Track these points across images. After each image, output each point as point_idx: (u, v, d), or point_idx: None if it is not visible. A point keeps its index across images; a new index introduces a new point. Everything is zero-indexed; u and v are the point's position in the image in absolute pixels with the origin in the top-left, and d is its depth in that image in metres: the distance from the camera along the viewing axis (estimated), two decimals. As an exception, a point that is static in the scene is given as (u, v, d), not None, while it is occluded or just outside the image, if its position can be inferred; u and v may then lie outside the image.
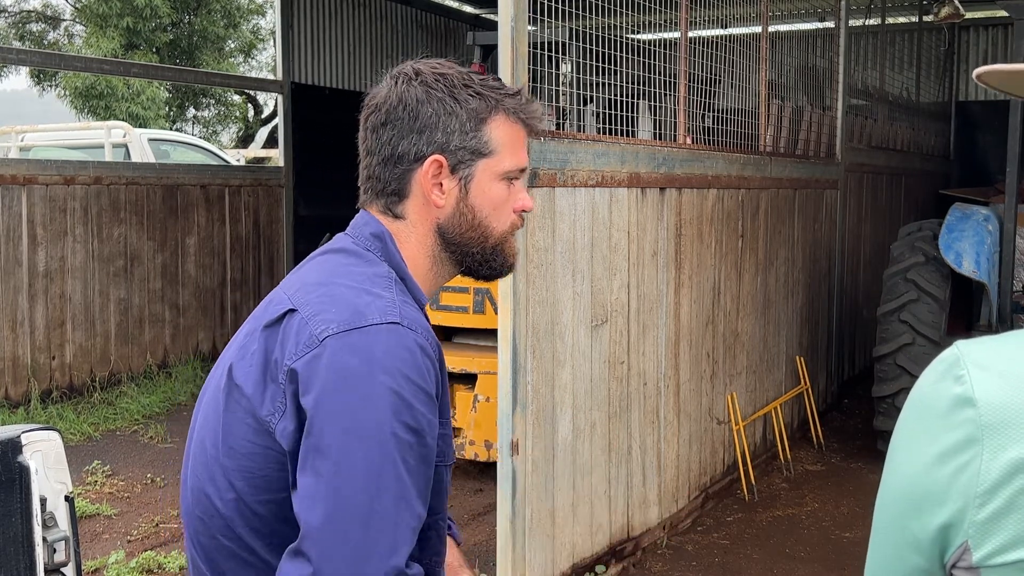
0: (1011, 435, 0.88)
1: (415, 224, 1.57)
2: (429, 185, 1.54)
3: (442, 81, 1.54)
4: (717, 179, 5.50)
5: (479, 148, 1.54)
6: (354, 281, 1.47)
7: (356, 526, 1.32)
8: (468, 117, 1.53)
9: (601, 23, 4.77)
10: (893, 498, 0.99)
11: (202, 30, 19.69)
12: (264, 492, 1.42)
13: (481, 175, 1.56)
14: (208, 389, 1.56)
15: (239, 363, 1.47)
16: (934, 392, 0.95)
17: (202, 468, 1.49)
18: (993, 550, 0.88)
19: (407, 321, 1.42)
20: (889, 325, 6.13)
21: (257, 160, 16.72)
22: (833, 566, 4.84)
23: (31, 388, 7.37)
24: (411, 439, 1.37)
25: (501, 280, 3.82)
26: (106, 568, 4.75)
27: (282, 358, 1.41)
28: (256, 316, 1.53)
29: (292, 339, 1.41)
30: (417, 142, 1.53)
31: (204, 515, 1.48)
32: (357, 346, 1.37)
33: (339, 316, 1.40)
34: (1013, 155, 5.91)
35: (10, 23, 20.36)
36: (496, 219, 1.59)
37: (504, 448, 3.86)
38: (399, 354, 1.38)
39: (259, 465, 1.42)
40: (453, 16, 12.35)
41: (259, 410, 1.41)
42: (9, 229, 7.28)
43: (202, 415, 1.54)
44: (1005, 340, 0.96)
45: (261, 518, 1.43)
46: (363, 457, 1.33)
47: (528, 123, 1.60)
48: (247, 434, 1.43)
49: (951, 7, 7.94)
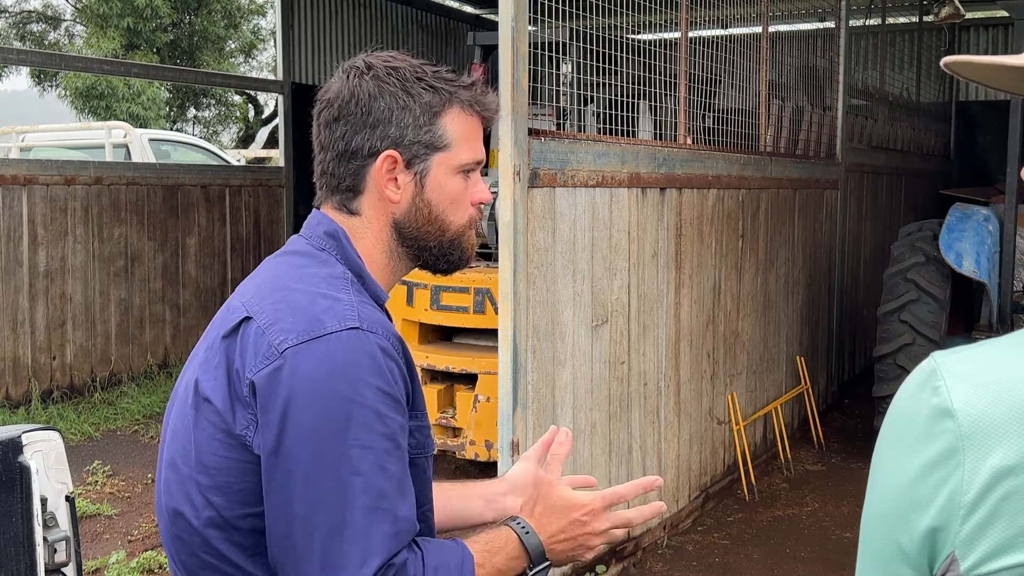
0: (991, 444, 0.88)
1: (371, 220, 1.55)
2: (384, 180, 1.52)
3: (394, 75, 1.51)
4: (717, 179, 5.50)
5: (434, 142, 1.52)
6: (309, 284, 1.44)
7: (325, 539, 1.31)
8: (422, 111, 1.51)
9: (601, 23, 4.77)
10: (878, 512, 0.99)
11: (202, 30, 19.68)
12: (243, 506, 1.40)
13: (436, 169, 1.54)
14: (174, 405, 1.51)
15: (204, 376, 1.43)
16: (912, 404, 0.95)
17: (176, 487, 1.45)
18: (980, 559, 0.88)
19: (366, 324, 1.39)
20: (889, 325, 6.13)
21: (257, 160, 16.73)
22: (833, 566, 4.84)
23: (31, 388, 7.37)
24: (383, 445, 1.34)
25: (501, 280, 3.83)
26: (107, 568, 4.75)
27: (243, 370, 1.38)
28: (214, 325, 1.50)
29: (251, 350, 1.38)
30: (370, 137, 1.51)
31: (183, 534, 1.44)
32: (318, 355, 1.34)
33: (297, 325, 1.37)
34: (1013, 155, 5.91)
35: (10, 23, 20.37)
36: (453, 213, 1.57)
37: (504, 448, 3.87)
38: (360, 361, 1.35)
39: (236, 479, 1.39)
40: (453, 16, 12.34)
41: (233, 427, 1.38)
42: (10, 229, 7.28)
43: (170, 432, 1.49)
44: (982, 349, 0.96)
45: (242, 532, 1.40)
46: (329, 470, 1.31)
47: (484, 115, 1.58)
48: (220, 449, 1.39)
49: (951, 7, 7.94)
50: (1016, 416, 0.88)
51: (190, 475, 1.42)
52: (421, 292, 5.86)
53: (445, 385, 5.86)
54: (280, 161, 10.05)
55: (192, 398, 1.44)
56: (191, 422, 1.43)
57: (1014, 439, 0.88)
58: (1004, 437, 0.88)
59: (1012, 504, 0.87)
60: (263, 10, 21.46)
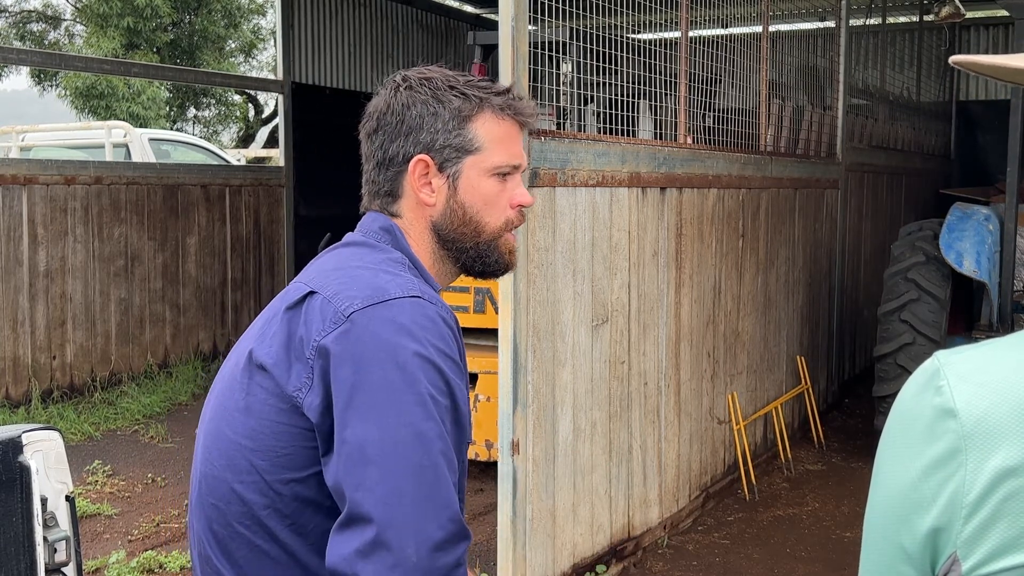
0: (993, 444, 0.88)
1: (412, 222, 1.62)
2: (418, 184, 1.59)
3: (426, 84, 1.59)
4: (718, 179, 5.50)
5: (464, 145, 1.58)
6: (372, 264, 1.53)
7: (410, 482, 1.34)
8: (451, 116, 1.58)
9: (601, 23, 4.77)
10: (881, 512, 0.99)
11: (203, 30, 19.68)
12: (288, 470, 1.44)
13: (469, 171, 1.59)
14: (222, 378, 1.58)
15: (259, 346, 1.50)
16: (915, 404, 0.95)
17: (218, 455, 1.50)
18: (981, 559, 0.88)
19: (427, 295, 1.47)
20: (890, 324, 6.13)
21: (258, 160, 16.72)
22: (834, 566, 4.84)
23: (32, 388, 7.37)
24: (446, 402, 1.41)
25: (501, 280, 3.82)
26: (107, 568, 4.75)
27: (308, 335, 1.44)
28: (274, 305, 1.57)
29: (317, 317, 1.44)
30: (404, 144, 1.59)
31: (220, 502, 1.48)
32: (384, 318, 1.41)
33: (361, 293, 1.44)
34: (1013, 155, 5.91)
35: (10, 23, 20.36)
36: (488, 214, 1.62)
37: (505, 448, 3.87)
38: (424, 323, 1.42)
39: (284, 444, 1.44)
40: (454, 16, 12.34)
41: (285, 387, 1.43)
42: (10, 229, 7.29)
43: (215, 402, 1.56)
44: (985, 349, 0.96)
45: (283, 498, 1.44)
46: (406, 419, 1.36)
47: (518, 119, 1.62)
48: (270, 414, 1.45)
49: (952, 6, 7.94)
50: (1019, 417, 0.88)
51: (235, 441, 1.47)
52: (421, 292, 5.85)
53: (445, 385, 5.86)
54: (280, 161, 10.05)
55: (244, 366, 1.51)
56: (243, 390, 1.49)
57: (1017, 439, 0.88)
58: (1007, 437, 0.88)
59: (1014, 505, 0.87)
60: (263, 10, 21.46)
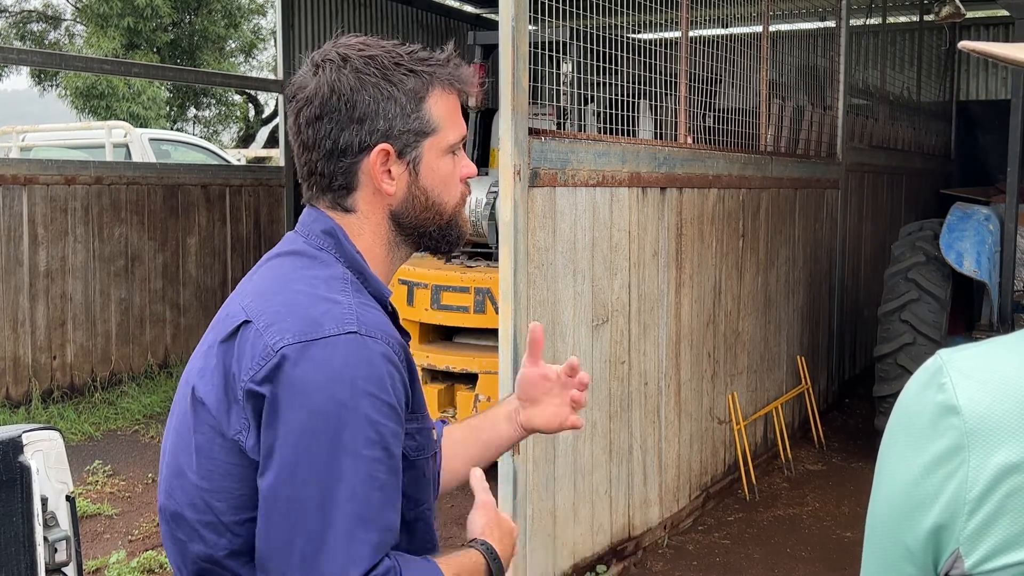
0: (996, 441, 0.88)
1: (367, 215, 1.52)
2: (379, 175, 1.49)
3: (372, 64, 1.47)
4: (718, 179, 5.50)
5: (423, 128, 1.50)
6: (309, 286, 1.42)
7: (306, 544, 1.31)
8: (407, 99, 1.48)
9: (602, 23, 4.76)
10: (884, 509, 0.99)
11: (203, 30, 19.68)
12: (244, 511, 1.39)
13: (428, 154, 1.52)
14: (176, 410, 1.50)
15: (200, 381, 1.43)
16: (918, 401, 0.96)
17: (178, 491, 1.44)
18: (984, 556, 0.89)
19: (365, 328, 1.37)
20: (890, 324, 6.13)
21: (258, 160, 16.72)
22: (834, 566, 4.84)
23: (32, 388, 7.37)
24: (373, 454, 1.33)
25: (502, 280, 3.82)
26: (107, 568, 4.75)
27: (239, 373, 1.37)
28: (214, 327, 1.49)
29: (248, 352, 1.37)
30: (359, 132, 1.47)
31: (185, 537, 1.44)
32: (314, 359, 1.33)
33: (294, 326, 1.35)
34: (1014, 155, 5.91)
35: (11, 23, 20.36)
36: (447, 194, 1.56)
37: (505, 448, 3.86)
38: (357, 367, 1.34)
39: (237, 484, 1.38)
40: (454, 16, 12.34)
41: (227, 430, 1.38)
42: (10, 229, 7.28)
43: (174, 435, 1.49)
44: (988, 347, 0.96)
45: (241, 538, 1.40)
46: (316, 475, 1.31)
47: (463, 89, 1.56)
48: (218, 454, 1.39)
49: (952, 6, 7.93)
50: (1022, 413, 0.88)
51: (193, 482, 1.42)
52: (421, 292, 5.86)
53: (445, 385, 5.86)
54: (280, 161, 10.05)
55: (191, 402, 1.44)
56: (191, 426, 1.43)
57: (1020, 436, 0.88)
58: (1009, 434, 0.88)
59: (1017, 501, 0.87)
60: (263, 10, 21.46)
